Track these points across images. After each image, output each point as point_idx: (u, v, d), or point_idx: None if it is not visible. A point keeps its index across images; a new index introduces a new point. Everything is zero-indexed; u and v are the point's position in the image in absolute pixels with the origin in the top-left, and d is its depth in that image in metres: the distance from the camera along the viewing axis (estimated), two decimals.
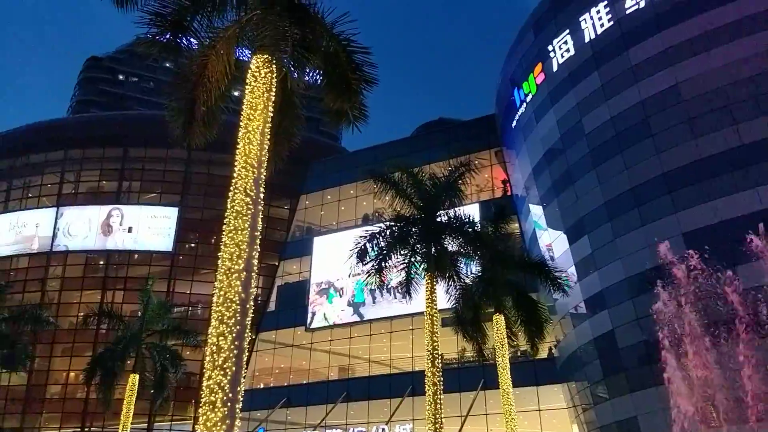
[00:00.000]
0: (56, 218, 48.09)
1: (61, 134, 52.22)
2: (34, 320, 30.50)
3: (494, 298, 21.90)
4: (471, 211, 29.07)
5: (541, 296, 27.95)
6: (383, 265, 19.27)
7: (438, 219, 19.62)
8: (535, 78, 31.77)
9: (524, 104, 33.01)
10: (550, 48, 30.42)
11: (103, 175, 50.23)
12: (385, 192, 19.99)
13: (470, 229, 19.46)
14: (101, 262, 48.05)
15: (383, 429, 31.55)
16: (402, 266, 19.77)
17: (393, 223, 19.46)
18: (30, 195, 50.62)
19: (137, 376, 29.43)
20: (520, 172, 35.16)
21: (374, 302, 38.46)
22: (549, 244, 31.19)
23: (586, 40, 28.50)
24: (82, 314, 39.38)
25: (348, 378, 39.23)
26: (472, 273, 22.72)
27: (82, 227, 47.67)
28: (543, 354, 30.76)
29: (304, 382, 40.25)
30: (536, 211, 32.98)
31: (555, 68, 30.19)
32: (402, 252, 19.31)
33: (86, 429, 43.83)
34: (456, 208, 19.93)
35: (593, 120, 27.87)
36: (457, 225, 19.26)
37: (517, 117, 34.03)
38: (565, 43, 29.57)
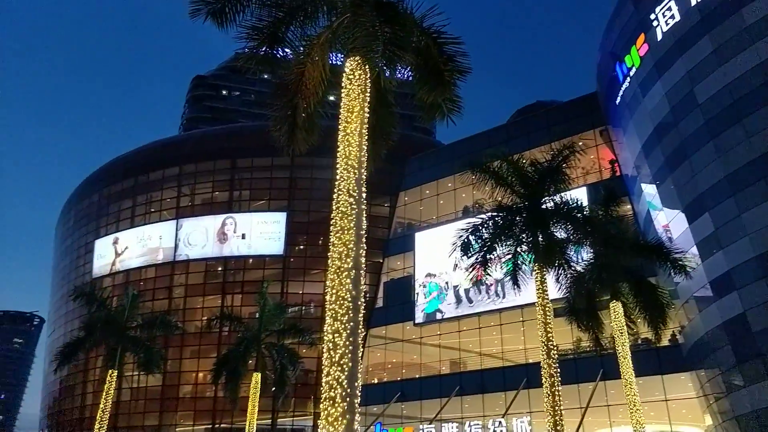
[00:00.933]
0: (176, 230, 51.71)
1: (175, 152, 56.13)
2: (165, 326, 32.85)
3: (609, 285, 20.91)
4: (578, 195, 27.79)
5: (660, 280, 26.32)
6: (488, 257, 18.97)
7: (543, 206, 19.03)
8: (638, 50, 29.96)
9: (628, 78, 31.23)
10: (652, 17, 28.56)
11: (215, 186, 53.33)
12: (484, 182, 19.67)
13: (579, 214, 18.70)
14: (219, 269, 51.05)
15: (500, 422, 31.12)
16: (507, 257, 19.40)
17: (495, 214, 19.10)
18: (152, 210, 54.73)
19: (259, 375, 31.06)
20: (628, 151, 33.32)
21: (480, 294, 38.07)
22: (666, 224, 29.31)
23: (693, 3, 26.47)
24: (205, 318, 42.21)
25: (460, 372, 39.09)
26: (583, 260, 21.81)
27: (200, 237, 50.95)
28: (666, 341, 29.09)
29: (417, 376, 40.60)
30: (649, 191, 31.11)
31: (659, 37, 28.30)
32: (507, 243, 18.92)
33: (216, 425, 46.84)
34: (562, 194, 19.23)
35: (706, 88, 25.82)
36: (565, 211, 18.58)
37: (621, 93, 32.27)
38: (669, 9, 27.63)
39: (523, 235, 18.54)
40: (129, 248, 53.79)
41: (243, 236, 50.18)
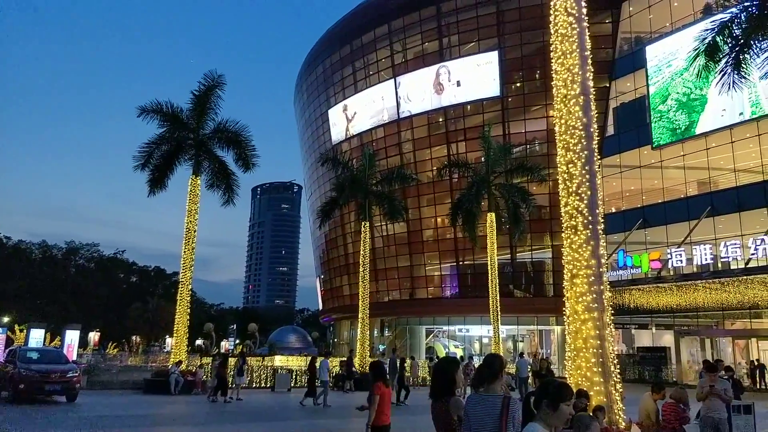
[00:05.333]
0: (395, 88, 53.57)
1: (380, 9, 56.46)
2: (401, 178, 35.49)
3: None
4: None
5: None
6: (741, 58, 16.23)
7: None
8: None
9: None
10: None
11: (424, 37, 53.15)
12: None
13: None
14: (440, 119, 52.30)
15: (762, 239, 28.34)
16: (766, 55, 16.39)
17: (748, 3, 15.98)
18: (371, 72, 57.08)
19: (493, 215, 32.34)
20: None
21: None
22: None
23: None
24: (435, 168, 44.33)
25: (710, 192, 35.79)
26: None
27: (418, 91, 52.18)
28: None
29: (659, 201, 38.32)
30: None
31: None
32: (766, 37, 15.88)
33: (460, 263, 50.79)
34: None
35: None
36: None
37: None
38: None
39: None
40: (357, 113, 57.65)
41: (458, 83, 50.09)
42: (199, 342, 69.14)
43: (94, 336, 61.20)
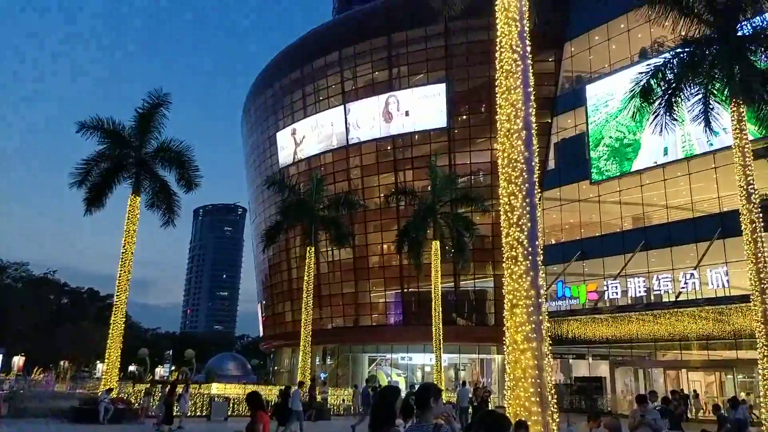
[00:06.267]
0: (345, 114, 53.88)
1: (332, 37, 57.03)
2: (349, 204, 35.52)
3: None
4: None
5: None
6: (672, 100, 17.18)
7: (738, 34, 16.50)
8: None
9: None
10: None
11: (374, 66, 53.87)
12: (664, 15, 17.39)
13: None
14: (389, 147, 52.81)
15: (692, 274, 29.67)
16: (697, 98, 17.41)
17: (680, 50, 16.99)
18: (321, 98, 57.26)
19: (438, 243, 32.69)
20: None
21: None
22: None
23: None
24: (382, 195, 44.60)
25: (645, 226, 37.39)
26: None
27: (368, 118, 52.65)
28: None
29: (597, 234, 39.71)
30: None
31: None
32: (696, 81, 16.90)
33: (405, 290, 50.90)
34: (763, 15, 16.45)
35: None
36: (765, 35, 15.95)
37: None
38: None
39: (715, 71, 16.38)
40: (306, 137, 57.55)
41: (407, 113, 50.86)
42: (132, 368, 66.30)
43: (18, 360, 57.74)
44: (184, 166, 25.43)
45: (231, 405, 27.80)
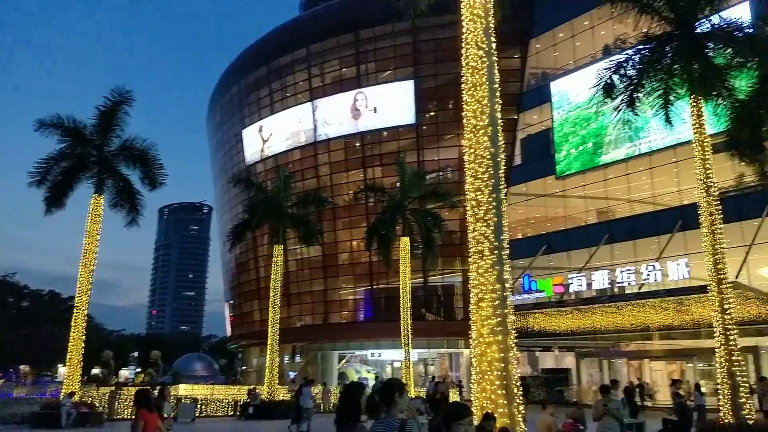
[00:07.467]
0: (313, 111, 53.55)
1: (299, 33, 56.54)
2: (317, 201, 35.28)
3: None
4: (740, 12, 24.51)
5: None
6: (634, 96, 17.51)
7: (697, 31, 16.92)
8: None
9: None
10: None
11: (342, 63, 53.65)
12: (626, 13, 17.72)
13: (740, 34, 16.39)
14: (357, 144, 52.71)
15: (653, 266, 30.40)
16: (657, 94, 17.77)
17: (641, 47, 17.32)
18: (288, 94, 56.80)
19: (407, 239, 32.74)
20: None
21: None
22: None
23: None
24: (351, 192, 44.52)
25: (608, 220, 38.16)
26: (747, 85, 19.44)
27: (336, 115, 52.43)
28: None
29: (562, 228, 40.37)
30: None
31: None
32: (656, 77, 17.25)
33: (374, 286, 50.91)
34: (720, 13, 16.89)
35: None
36: (722, 32, 16.37)
37: None
38: None
39: (675, 67, 16.75)
40: (273, 134, 57.01)
41: (375, 110, 50.81)
42: (96, 371, 64.81)
43: None
44: (148, 164, 24.89)
45: (199, 406, 27.45)
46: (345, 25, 52.48)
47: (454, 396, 33.28)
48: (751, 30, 17.54)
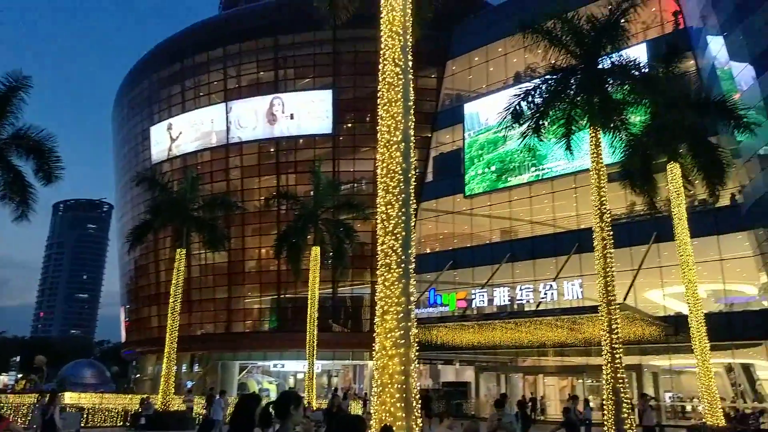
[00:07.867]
0: (227, 113, 52.18)
1: (218, 32, 55.10)
2: (226, 206, 34.28)
3: (667, 146, 20.26)
4: (637, 52, 26.44)
5: (722, 139, 25.29)
6: (540, 123, 18.45)
7: (599, 66, 18.09)
8: None
9: None
10: None
11: (260, 66, 52.74)
12: (537, 44, 18.68)
13: (636, 72, 17.71)
14: (272, 149, 51.84)
15: (551, 285, 31.93)
16: (561, 122, 18.81)
17: (549, 77, 18.31)
18: (201, 94, 55.04)
19: (318, 249, 32.48)
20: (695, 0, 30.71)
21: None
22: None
23: None
24: (263, 198, 43.68)
25: (511, 240, 39.79)
26: (641, 121, 21.01)
27: (250, 118, 51.35)
28: (725, 201, 28.52)
29: (468, 245, 41.64)
30: (716, 43, 28.97)
31: None
32: (560, 107, 18.27)
33: (281, 296, 50.08)
34: (620, 52, 18.16)
35: None
36: (621, 69, 17.62)
37: None
38: None
39: (578, 98, 17.83)
40: (183, 133, 54.97)
41: (291, 116, 50.27)
42: None
43: None
44: (44, 156, 23.13)
45: (85, 416, 25.74)
46: (264, 29, 51.74)
47: (357, 408, 33.27)
48: (646, 69, 18.99)
